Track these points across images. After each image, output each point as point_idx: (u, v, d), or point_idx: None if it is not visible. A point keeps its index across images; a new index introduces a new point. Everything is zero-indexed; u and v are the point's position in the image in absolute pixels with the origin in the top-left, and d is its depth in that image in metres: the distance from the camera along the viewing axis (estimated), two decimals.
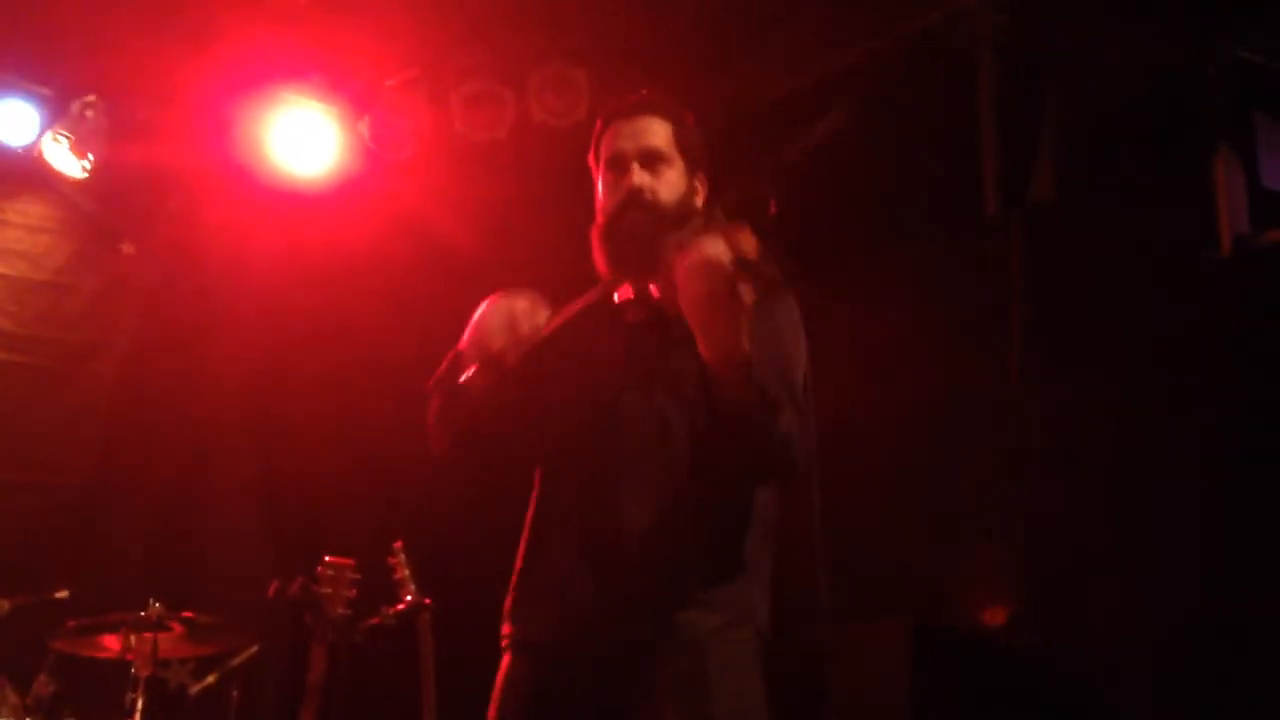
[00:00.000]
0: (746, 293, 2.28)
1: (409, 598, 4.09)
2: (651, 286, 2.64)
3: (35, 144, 5.42)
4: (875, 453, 4.54)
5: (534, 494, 2.70)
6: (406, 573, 4.13)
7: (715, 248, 2.32)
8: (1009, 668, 4.16)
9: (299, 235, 5.83)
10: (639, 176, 2.69)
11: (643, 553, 2.50)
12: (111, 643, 4.20)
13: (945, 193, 4.83)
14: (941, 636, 4.20)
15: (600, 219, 2.73)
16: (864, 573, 4.55)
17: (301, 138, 5.54)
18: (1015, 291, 4.59)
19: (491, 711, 2.58)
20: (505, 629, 2.63)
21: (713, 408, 2.41)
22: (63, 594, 4.34)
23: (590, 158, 2.84)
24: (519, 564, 2.65)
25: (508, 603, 2.65)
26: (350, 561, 4.09)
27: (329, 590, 4.05)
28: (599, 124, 2.82)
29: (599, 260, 2.72)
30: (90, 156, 5.45)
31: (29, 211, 5.69)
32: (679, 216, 2.67)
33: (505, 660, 2.61)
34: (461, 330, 2.66)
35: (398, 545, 4.17)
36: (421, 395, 2.67)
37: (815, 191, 5.10)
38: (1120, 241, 4.35)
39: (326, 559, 4.09)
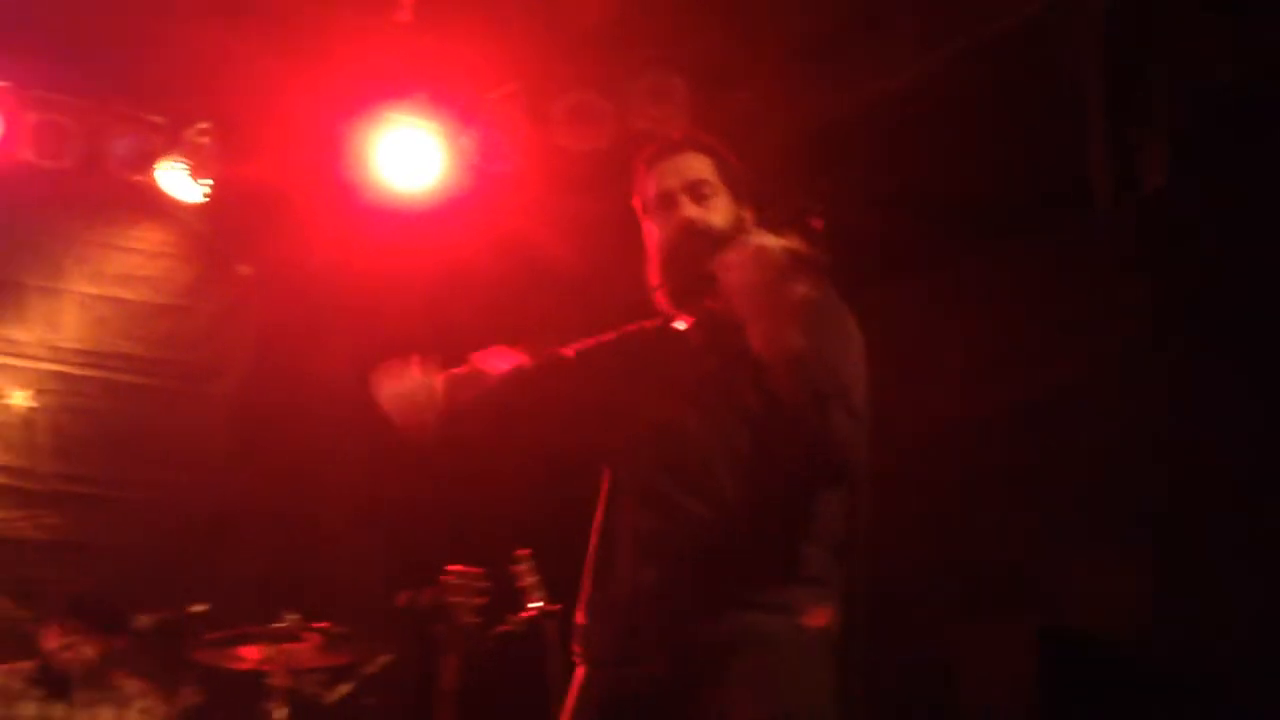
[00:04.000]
0: (798, 284, 2.35)
1: (536, 605, 4.15)
2: (708, 303, 2.67)
3: (152, 172, 5.61)
4: (987, 451, 4.51)
5: (599, 510, 2.75)
6: (532, 580, 4.19)
7: (765, 239, 2.41)
8: (1138, 671, 4.10)
9: (406, 251, 5.92)
10: (689, 209, 2.74)
11: (708, 557, 2.54)
12: (249, 654, 4.31)
13: (1053, 187, 4.79)
14: (1067, 639, 4.15)
15: (656, 257, 2.77)
16: (981, 574, 4.52)
17: (407, 155, 5.64)
18: (1128, 282, 4.54)
19: None
20: (577, 646, 2.68)
21: (766, 402, 2.47)
22: (201, 608, 4.46)
23: (635, 202, 2.88)
24: (588, 580, 2.70)
25: (578, 618, 2.70)
26: (478, 570, 4.17)
27: (457, 599, 4.13)
28: (640, 168, 2.85)
29: (660, 298, 2.76)
30: (205, 181, 5.62)
31: (149, 238, 5.91)
32: (732, 240, 2.67)
33: (579, 674, 2.65)
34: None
35: (523, 553, 4.23)
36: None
37: (920, 190, 5.11)
38: (1236, 227, 4.28)
39: (454, 568, 4.17)
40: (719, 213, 2.74)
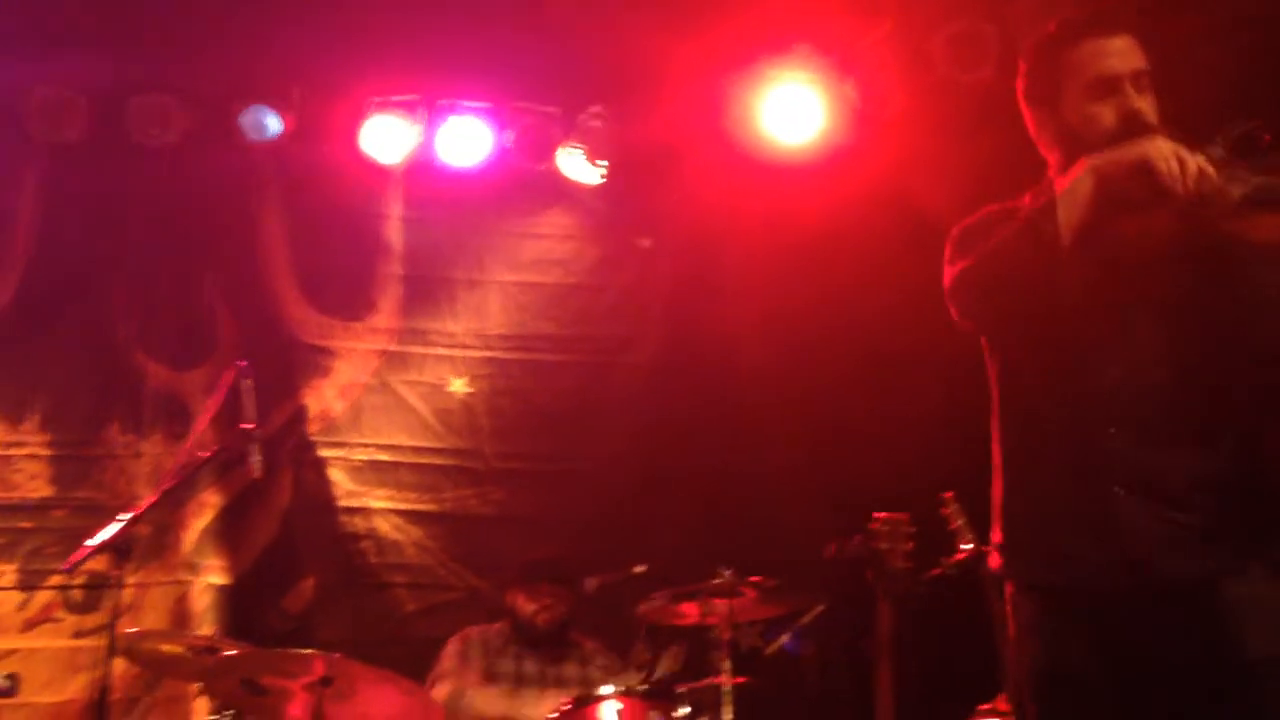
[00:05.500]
0: None
1: (968, 546, 4.10)
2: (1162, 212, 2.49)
3: (553, 159, 5.92)
4: None
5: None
6: (961, 522, 4.14)
7: None
8: None
9: (795, 206, 5.93)
10: (1136, 99, 2.55)
11: (1200, 486, 2.45)
12: (691, 610, 4.49)
13: None
14: None
15: (1089, 143, 2.56)
16: None
17: (792, 110, 5.66)
18: None
19: (1028, 660, 2.57)
20: (1018, 567, 2.61)
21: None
22: (641, 569, 4.69)
23: (1031, 79, 2.68)
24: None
25: (1001, 536, 2.62)
26: (904, 515, 4.15)
27: (886, 545, 4.12)
28: (1052, 36, 2.65)
29: (1082, 187, 2.54)
30: (602, 162, 5.87)
31: (557, 222, 6.25)
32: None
33: (1032, 602, 2.57)
34: None
35: (948, 495, 4.18)
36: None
37: None
38: None
39: (879, 514, 4.18)
40: (1153, 110, 2.57)
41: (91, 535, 3.76)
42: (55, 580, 5.49)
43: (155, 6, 5.35)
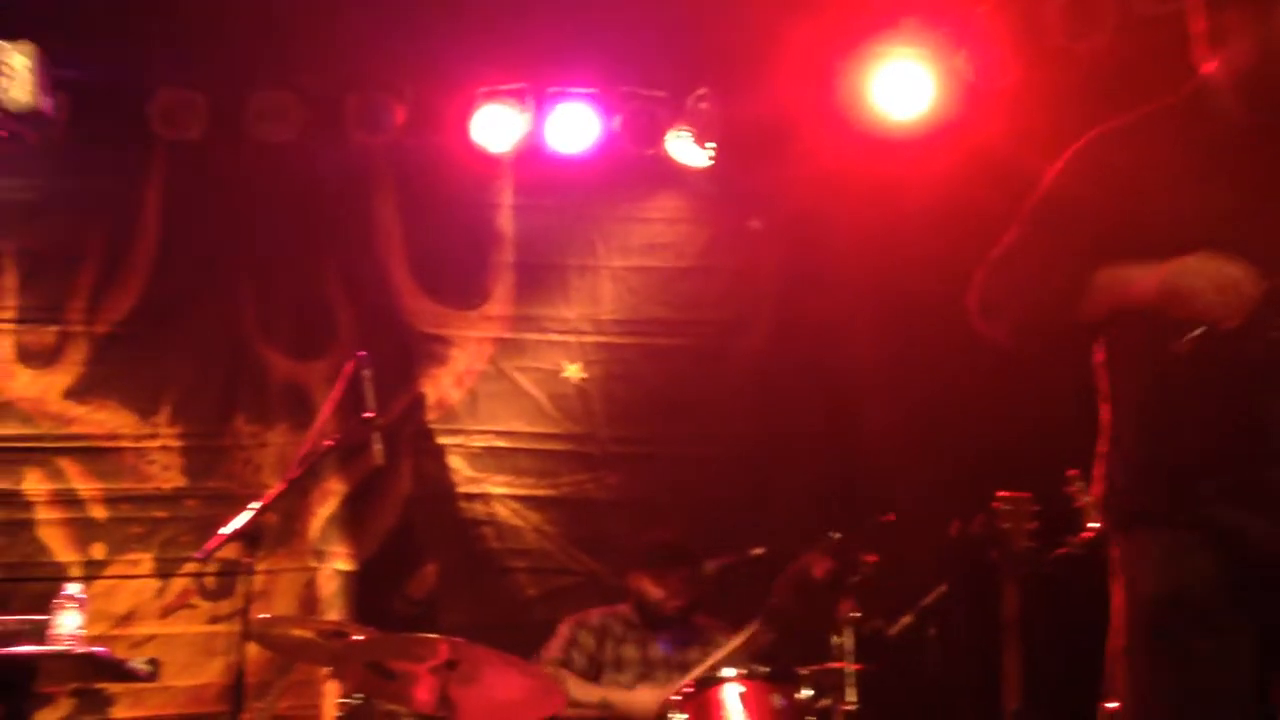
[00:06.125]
0: None
1: (1094, 525, 4.01)
2: None
3: (662, 143, 5.92)
4: None
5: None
6: (1087, 500, 4.06)
7: None
8: None
9: (908, 184, 5.85)
10: None
11: None
12: None
13: None
14: None
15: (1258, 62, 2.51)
16: None
17: (902, 85, 5.58)
18: None
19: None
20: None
21: None
22: (759, 551, 4.68)
23: None
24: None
25: (1119, 474, 2.59)
26: (1026, 495, 4.11)
27: (1009, 525, 4.08)
28: None
29: (1241, 109, 2.52)
30: (711, 144, 5.85)
31: (666, 206, 6.27)
32: None
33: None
34: None
35: (1073, 473, 4.10)
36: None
37: None
38: None
39: (1002, 494, 4.13)
40: None
41: (223, 524, 3.87)
42: (190, 568, 5.67)
43: (268, 5, 5.46)
